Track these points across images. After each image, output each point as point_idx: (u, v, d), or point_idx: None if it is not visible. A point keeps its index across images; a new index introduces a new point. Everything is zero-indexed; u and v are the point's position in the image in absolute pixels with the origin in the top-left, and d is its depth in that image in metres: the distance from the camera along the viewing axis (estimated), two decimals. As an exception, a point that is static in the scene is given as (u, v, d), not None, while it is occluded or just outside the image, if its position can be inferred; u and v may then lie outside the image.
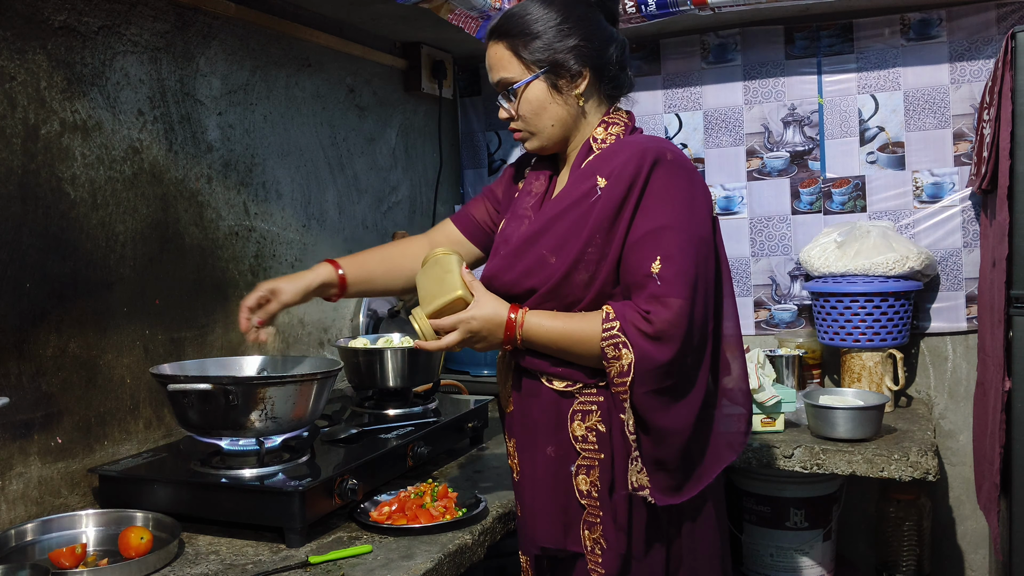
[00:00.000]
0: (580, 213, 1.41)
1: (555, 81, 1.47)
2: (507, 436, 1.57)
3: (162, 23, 1.92)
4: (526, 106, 1.49)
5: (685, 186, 1.40)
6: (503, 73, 1.49)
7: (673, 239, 1.36)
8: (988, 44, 2.53)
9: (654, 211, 1.38)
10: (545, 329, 1.41)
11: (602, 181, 1.40)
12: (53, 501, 1.66)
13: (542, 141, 1.52)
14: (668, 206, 1.38)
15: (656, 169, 1.38)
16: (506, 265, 1.48)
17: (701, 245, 1.39)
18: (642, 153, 1.39)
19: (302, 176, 2.36)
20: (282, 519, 1.51)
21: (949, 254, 2.60)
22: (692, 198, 1.40)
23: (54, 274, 1.66)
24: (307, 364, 1.90)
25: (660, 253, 1.36)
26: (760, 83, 2.76)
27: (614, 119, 1.51)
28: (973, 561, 2.66)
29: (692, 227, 1.38)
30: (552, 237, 1.43)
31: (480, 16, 2.32)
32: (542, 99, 1.48)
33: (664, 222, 1.37)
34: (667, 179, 1.39)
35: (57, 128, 1.67)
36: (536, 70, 1.47)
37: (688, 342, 1.34)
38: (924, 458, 2.02)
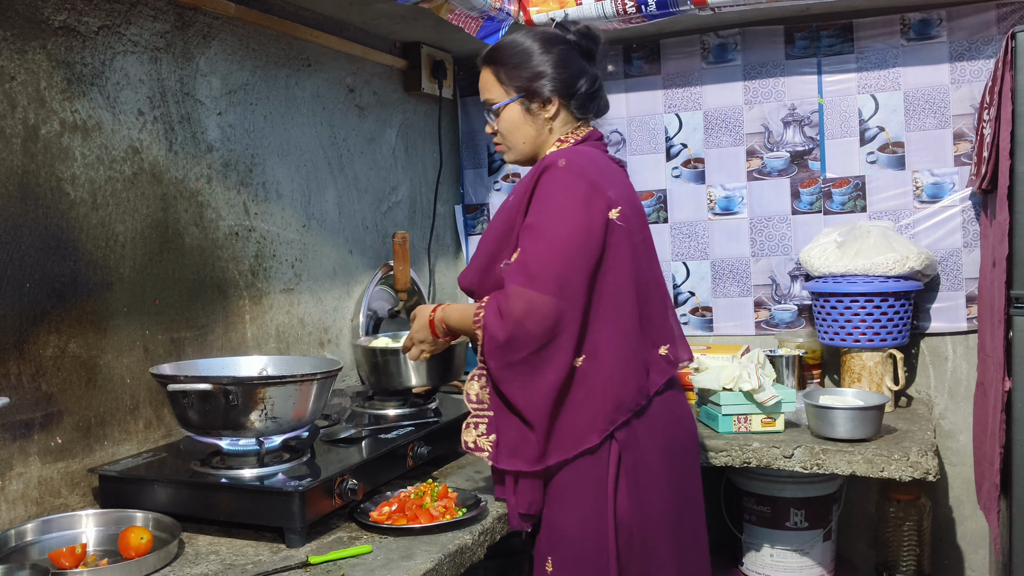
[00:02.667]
0: (503, 218, 1.68)
1: (528, 105, 1.71)
2: None
3: (162, 23, 1.92)
4: (503, 124, 1.74)
5: (561, 189, 1.59)
6: (487, 94, 1.75)
7: (532, 235, 1.58)
8: (988, 44, 2.53)
9: (532, 211, 1.60)
10: (448, 318, 1.72)
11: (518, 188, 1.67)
12: (53, 501, 1.66)
13: (516, 155, 1.77)
14: (541, 206, 1.59)
15: (544, 174, 1.61)
16: (468, 270, 1.75)
17: (562, 244, 1.55)
18: (540, 163, 1.65)
19: (302, 176, 2.36)
20: (282, 519, 1.51)
21: (949, 254, 2.60)
22: (569, 202, 1.58)
23: (54, 274, 1.66)
24: (307, 364, 1.90)
25: (521, 246, 1.59)
26: (760, 83, 2.76)
27: (569, 136, 1.74)
28: (973, 561, 2.66)
29: (556, 226, 1.56)
30: (488, 239, 1.71)
31: (480, 16, 2.32)
32: (515, 120, 1.73)
33: (532, 220, 1.59)
34: (549, 183, 1.60)
35: (57, 128, 1.67)
36: (513, 94, 1.72)
37: (525, 324, 1.53)
38: (924, 458, 2.02)
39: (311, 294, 2.39)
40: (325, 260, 2.45)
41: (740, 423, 2.21)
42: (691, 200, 2.86)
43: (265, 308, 2.21)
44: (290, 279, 2.30)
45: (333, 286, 2.48)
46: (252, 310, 2.16)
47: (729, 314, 2.86)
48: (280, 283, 2.27)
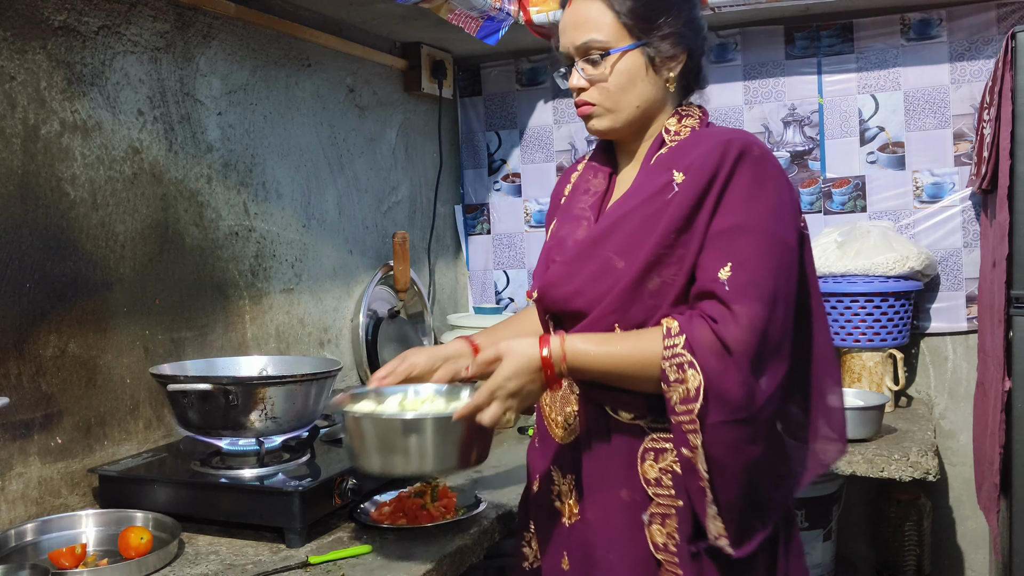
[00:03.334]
0: (653, 210, 1.23)
1: (653, 56, 1.31)
2: (558, 471, 1.37)
3: (162, 23, 1.92)
4: (617, 78, 1.30)
5: (772, 185, 1.24)
6: (594, 34, 1.29)
7: (750, 242, 1.19)
8: (988, 44, 2.53)
9: (733, 209, 1.20)
10: (594, 356, 1.21)
11: (679, 176, 1.24)
12: (53, 501, 1.66)
13: (616, 121, 1.33)
14: (750, 205, 1.21)
15: (741, 163, 1.22)
16: (565, 273, 1.29)
17: (784, 252, 1.22)
18: (726, 144, 1.23)
19: (302, 176, 2.36)
20: (282, 519, 1.51)
21: (949, 254, 2.60)
22: (780, 200, 1.24)
23: (54, 274, 1.66)
24: (307, 364, 1.90)
25: (732, 258, 1.18)
26: (760, 83, 2.76)
27: (688, 111, 1.36)
28: (973, 561, 2.66)
29: (775, 230, 1.22)
30: (620, 238, 1.25)
31: (480, 16, 2.32)
32: (635, 73, 1.31)
33: (741, 221, 1.20)
34: (752, 175, 1.22)
35: (57, 128, 1.67)
36: (639, 38, 1.30)
37: (759, 362, 1.16)
38: (924, 458, 2.02)
39: (311, 294, 2.39)
40: (325, 260, 2.45)
41: (740, 423, 2.21)
42: (691, 200, 2.86)
43: (265, 308, 2.21)
44: (290, 279, 2.30)
45: (333, 286, 2.48)
46: (252, 310, 2.16)
47: (729, 314, 2.85)
48: (280, 283, 2.27)
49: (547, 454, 1.40)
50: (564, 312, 1.31)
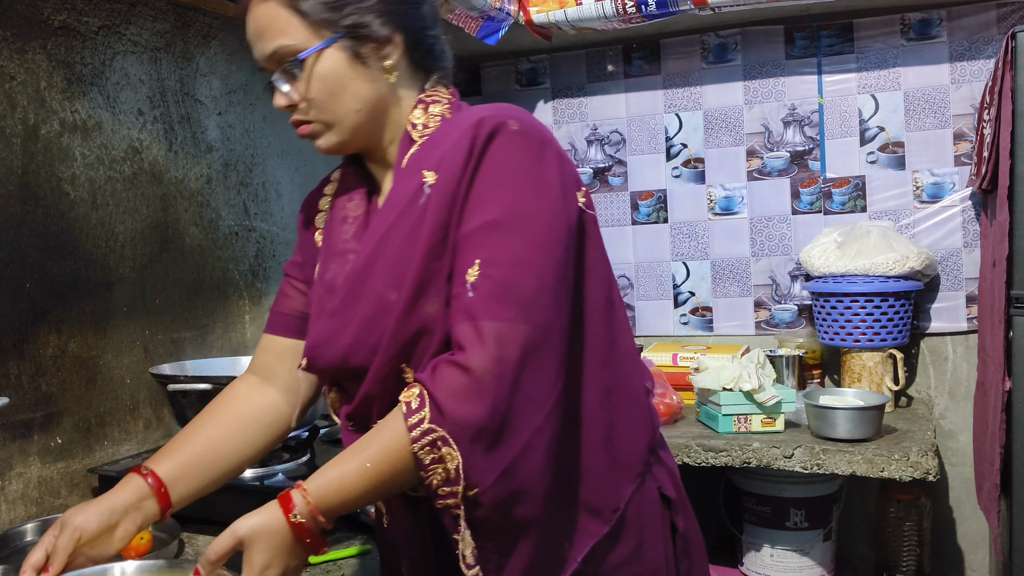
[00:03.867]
0: (411, 222, 1.02)
1: (357, 49, 1.08)
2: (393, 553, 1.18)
3: (162, 23, 1.92)
4: (319, 84, 1.07)
5: (531, 162, 1.01)
6: (280, 39, 1.07)
7: (507, 233, 0.98)
8: (988, 44, 2.53)
9: (485, 198, 0.99)
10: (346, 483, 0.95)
11: (430, 175, 1.03)
12: (53, 501, 1.66)
13: (343, 134, 1.11)
14: (503, 190, 0.99)
15: (493, 141, 1.01)
16: (335, 327, 1.06)
17: (551, 245, 0.99)
18: (475, 126, 1.01)
19: (302, 176, 2.36)
20: (282, 519, 1.51)
21: (949, 254, 2.60)
22: (541, 179, 1.01)
23: (54, 274, 1.66)
24: (307, 364, 1.90)
25: (481, 254, 0.97)
26: (760, 83, 2.76)
27: (433, 96, 1.13)
28: (973, 561, 2.66)
29: (537, 222, 0.99)
30: (386, 264, 1.03)
31: (480, 16, 2.32)
32: (340, 73, 1.07)
33: (494, 214, 0.98)
34: (506, 154, 1.01)
35: (57, 128, 1.67)
36: (329, 34, 1.06)
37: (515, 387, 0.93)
38: (924, 458, 2.02)
39: (311, 294, 2.38)
40: (325, 260, 2.45)
41: (740, 423, 2.21)
42: (691, 200, 2.86)
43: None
44: (290, 279, 2.30)
45: (333, 286, 2.48)
46: (252, 310, 2.16)
47: (729, 314, 2.86)
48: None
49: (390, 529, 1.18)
50: (344, 373, 1.08)
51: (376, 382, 1.03)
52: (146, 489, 1.16)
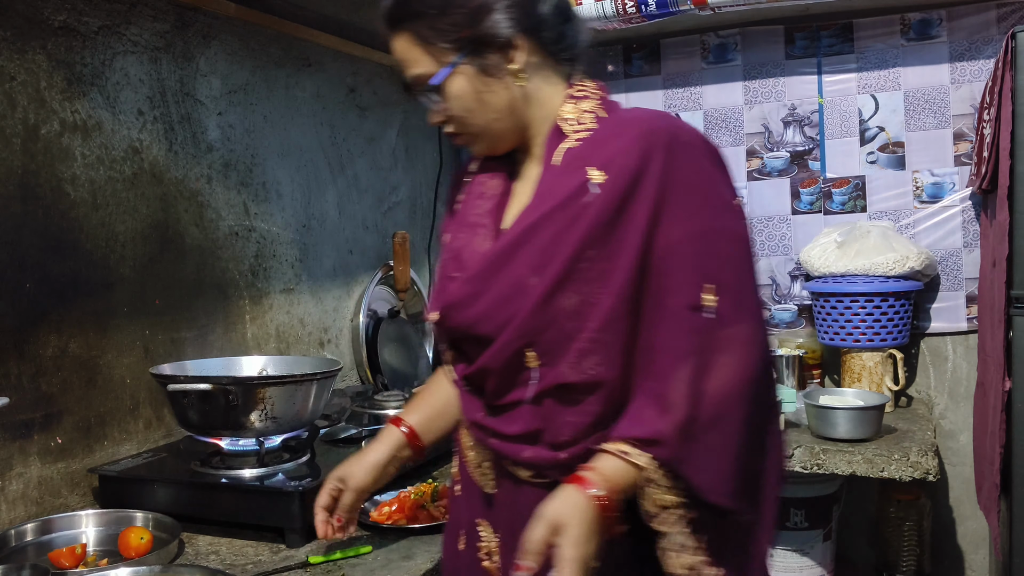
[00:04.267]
0: (568, 217, 1.06)
1: (483, 63, 1.12)
2: (487, 526, 1.21)
3: (162, 23, 1.92)
4: (456, 104, 1.14)
5: (715, 173, 1.10)
6: (415, 68, 1.15)
7: (721, 243, 1.06)
8: (988, 44, 2.53)
9: (682, 214, 1.05)
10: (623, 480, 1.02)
11: (597, 175, 1.07)
12: (53, 501, 1.66)
13: (490, 141, 1.19)
14: (701, 203, 1.06)
15: (676, 154, 1.06)
16: (469, 293, 1.12)
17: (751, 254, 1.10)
18: (649, 135, 1.06)
19: (302, 176, 2.36)
20: (282, 519, 1.51)
21: (949, 254, 2.60)
22: (726, 188, 1.10)
23: (54, 274, 1.66)
24: (307, 364, 1.90)
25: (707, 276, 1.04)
26: (760, 83, 2.76)
27: (583, 91, 1.17)
28: (973, 561, 2.66)
29: (736, 227, 1.09)
30: (533, 250, 1.07)
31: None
32: (473, 90, 1.13)
33: (705, 224, 1.05)
34: (693, 166, 1.07)
35: (57, 128, 1.67)
36: (452, 57, 1.12)
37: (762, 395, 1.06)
38: (924, 458, 2.02)
39: (311, 294, 2.39)
40: (325, 260, 2.45)
41: (740, 423, 2.21)
42: (691, 200, 2.86)
43: (265, 308, 2.21)
44: (290, 279, 2.30)
45: (333, 286, 2.48)
46: (252, 310, 2.16)
47: (729, 314, 2.85)
48: (280, 283, 2.27)
49: (472, 505, 1.23)
50: (468, 337, 1.14)
51: (497, 356, 1.09)
52: (403, 439, 1.37)
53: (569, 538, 0.97)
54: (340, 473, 1.38)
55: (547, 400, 1.09)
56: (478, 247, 1.16)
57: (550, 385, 1.08)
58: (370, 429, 1.89)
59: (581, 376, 1.06)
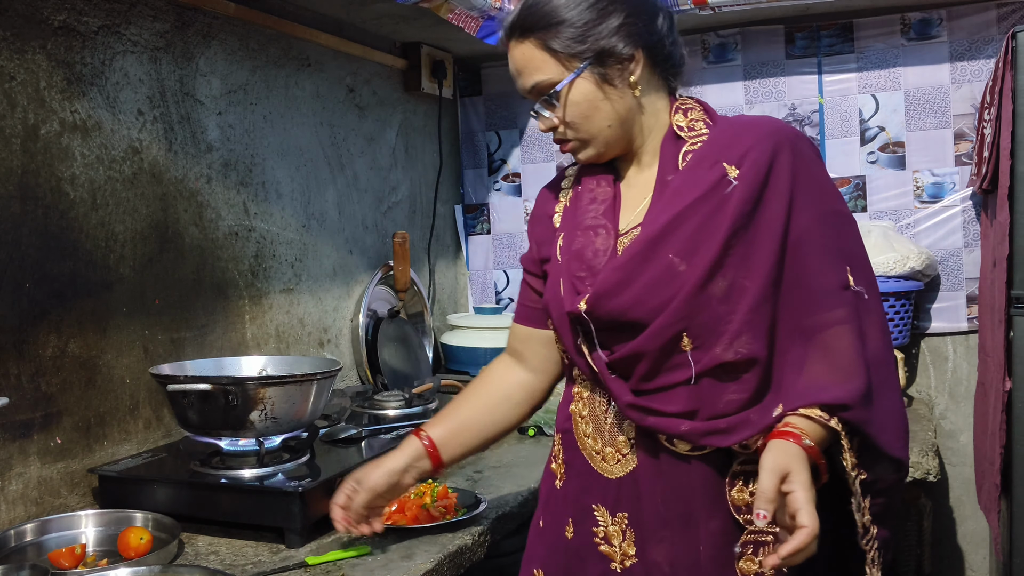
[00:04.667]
0: (712, 207, 1.16)
1: (604, 72, 1.22)
2: (604, 510, 1.27)
3: (162, 23, 1.91)
4: (574, 110, 1.24)
5: (824, 167, 1.26)
6: (538, 76, 1.24)
7: (847, 234, 1.22)
8: (988, 44, 2.53)
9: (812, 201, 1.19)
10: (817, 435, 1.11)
11: (732, 169, 1.17)
12: (53, 501, 1.65)
13: (599, 147, 1.27)
14: (824, 193, 1.21)
15: (799, 152, 1.20)
16: (620, 280, 1.19)
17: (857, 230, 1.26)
18: (775, 133, 1.20)
19: (302, 176, 2.36)
20: (282, 519, 1.51)
21: (950, 254, 2.60)
22: (835, 186, 1.27)
23: (54, 274, 1.66)
24: (307, 364, 1.90)
25: (845, 258, 1.19)
26: (760, 83, 2.76)
27: (687, 104, 1.29)
28: (973, 561, 2.66)
29: (850, 213, 1.26)
30: (680, 238, 1.16)
31: (480, 16, 2.32)
32: (592, 98, 1.23)
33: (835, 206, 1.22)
34: (812, 162, 1.22)
35: (57, 128, 1.67)
36: (578, 64, 1.21)
37: None
38: (925, 458, 2.01)
39: (311, 294, 2.38)
40: (325, 260, 2.45)
41: (740, 423, 2.21)
42: (691, 200, 2.86)
43: (265, 308, 2.21)
44: (290, 279, 2.30)
45: (333, 286, 2.48)
46: (252, 310, 2.16)
47: (729, 314, 2.85)
48: (280, 283, 2.27)
49: (587, 492, 1.28)
50: (618, 324, 1.20)
51: (652, 340, 1.17)
52: (422, 450, 1.40)
53: (797, 482, 1.04)
54: (357, 474, 1.42)
55: (705, 380, 1.17)
56: (600, 246, 1.25)
57: (709, 366, 1.16)
58: (370, 429, 1.89)
59: (736, 355, 1.15)
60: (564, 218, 1.34)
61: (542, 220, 1.39)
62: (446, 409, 1.47)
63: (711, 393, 1.17)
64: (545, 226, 1.37)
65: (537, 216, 1.41)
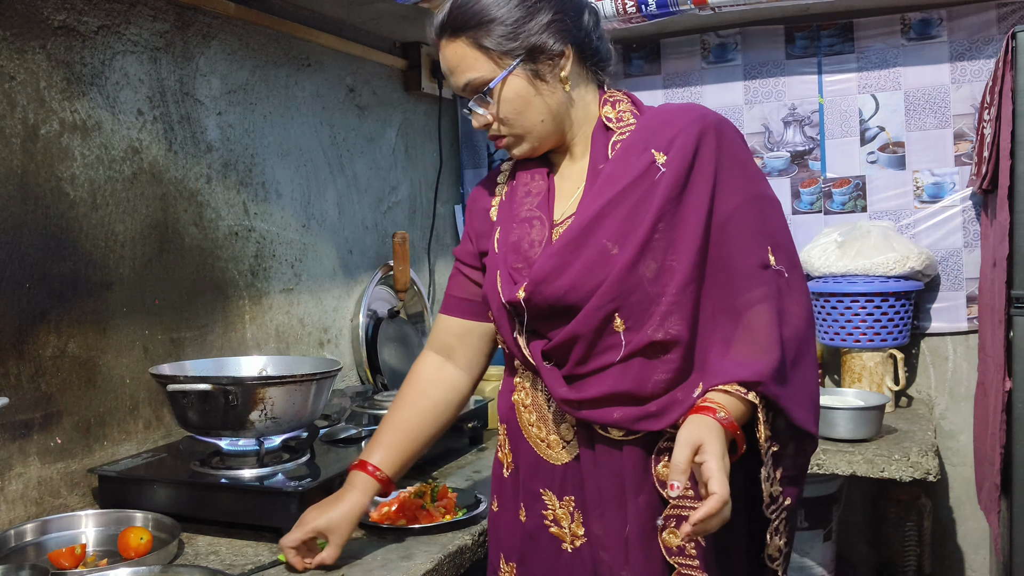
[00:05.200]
0: (643, 192, 1.21)
1: (535, 68, 1.26)
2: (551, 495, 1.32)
3: (162, 23, 1.91)
4: (507, 106, 1.28)
5: (749, 153, 1.29)
6: (471, 74, 1.27)
7: (772, 215, 1.25)
8: (988, 44, 2.52)
9: (737, 185, 1.22)
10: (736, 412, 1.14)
11: (660, 156, 1.22)
12: (53, 501, 1.65)
13: (532, 142, 1.32)
14: (748, 177, 1.24)
15: (724, 136, 1.24)
16: (555, 266, 1.23)
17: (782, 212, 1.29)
18: (701, 119, 1.24)
19: (302, 176, 2.36)
20: (282, 520, 1.51)
21: (950, 254, 2.60)
22: (757, 167, 1.29)
23: (54, 274, 1.66)
24: (307, 364, 1.90)
25: (767, 238, 1.23)
26: (760, 83, 2.76)
27: (615, 96, 1.34)
28: (974, 561, 2.66)
29: (772, 194, 1.28)
30: (613, 223, 1.21)
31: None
32: (524, 94, 1.27)
33: (758, 189, 1.24)
34: (739, 146, 1.26)
35: (56, 128, 1.67)
36: (511, 61, 1.25)
37: None
38: (924, 458, 2.01)
39: (311, 294, 2.38)
40: (325, 260, 2.45)
41: (740, 423, 2.21)
42: (691, 200, 2.86)
43: (265, 308, 2.21)
44: (290, 279, 2.30)
45: (333, 286, 2.48)
46: (252, 310, 2.16)
47: (729, 314, 2.85)
48: (280, 283, 2.27)
49: (534, 478, 1.33)
50: (554, 310, 1.24)
51: (587, 321, 1.21)
52: (374, 483, 1.41)
53: (711, 452, 1.07)
54: (322, 525, 1.37)
55: (635, 359, 1.21)
56: (536, 237, 1.29)
57: (639, 346, 1.20)
58: (369, 429, 1.89)
59: (666, 335, 1.19)
60: (500, 211, 1.38)
61: (479, 214, 1.43)
62: (380, 428, 1.47)
63: (640, 372, 1.21)
64: (482, 219, 1.42)
65: (473, 211, 1.45)
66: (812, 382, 1.23)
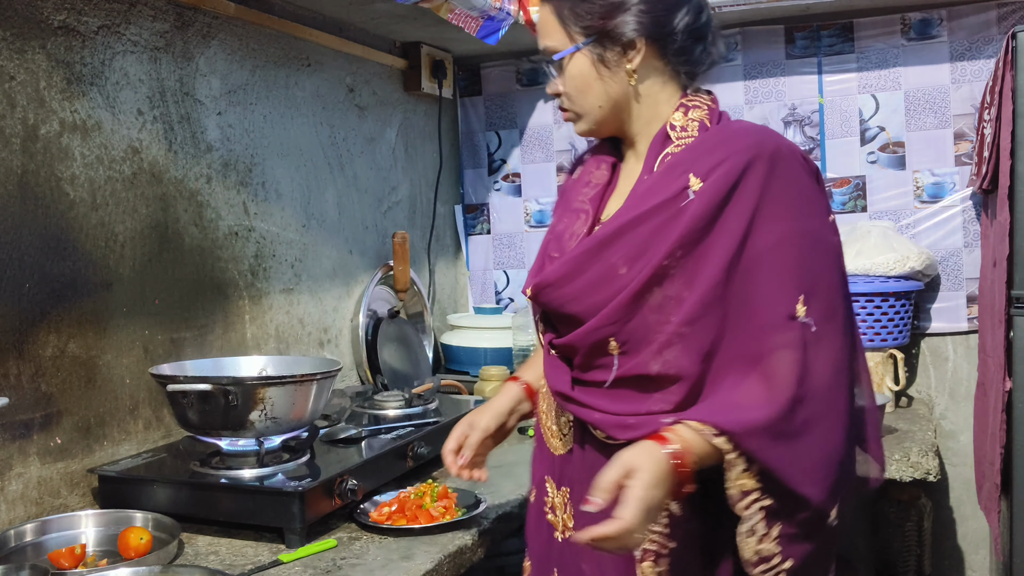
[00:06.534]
0: (665, 218, 1.15)
1: (601, 54, 1.23)
2: (552, 483, 1.33)
3: (162, 23, 1.91)
4: (570, 82, 1.26)
5: (807, 186, 1.17)
6: (546, 41, 1.27)
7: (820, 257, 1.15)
8: (989, 44, 2.52)
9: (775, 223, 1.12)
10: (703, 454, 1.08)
11: (696, 181, 1.15)
12: (52, 501, 1.65)
13: (589, 124, 1.29)
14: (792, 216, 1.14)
15: (777, 171, 1.14)
16: (564, 274, 1.21)
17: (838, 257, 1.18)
18: (755, 146, 1.15)
19: (302, 176, 2.36)
20: (282, 520, 1.51)
21: (950, 254, 2.60)
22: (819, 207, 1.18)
23: (54, 274, 1.66)
24: (307, 364, 1.90)
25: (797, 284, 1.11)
26: (760, 83, 2.76)
27: (695, 102, 1.26)
28: (974, 562, 2.66)
29: (824, 235, 1.16)
30: (628, 244, 1.16)
31: (480, 16, 2.32)
32: (586, 75, 1.24)
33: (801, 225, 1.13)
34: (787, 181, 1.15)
35: (56, 128, 1.67)
36: (579, 40, 1.23)
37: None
38: (925, 458, 2.01)
39: (311, 294, 2.38)
40: (325, 260, 2.45)
41: (740, 423, 2.20)
42: (691, 200, 2.86)
43: (265, 308, 2.21)
44: (290, 279, 2.30)
45: (333, 286, 2.48)
46: (252, 310, 2.16)
47: (729, 314, 2.85)
48: (280, 283, 2.26)
49: (543, 464, 1.36)
50: (559, 315, 1.25)
51: (583, 337, 1.20)
52: (521, 393, 1.45)
53: (639, 480, 1.04)
54: (468, 418, 1.46)
55: (623, 389, 1.18)
56: (577, 231, 1.27)
57: (628, 374, 1.17)
58: (370, 429, 1.89)
59: (663, 367, 1.14)
60: (562, 196, 1.39)
61: (561, 193, 1.42)
62: (531, 360, 1.52)
63: (629, 405, 1.18)
64: (558, 201, 1.42)
65: (561, 187, 1.45)
66: (830, 445, 1.11)
